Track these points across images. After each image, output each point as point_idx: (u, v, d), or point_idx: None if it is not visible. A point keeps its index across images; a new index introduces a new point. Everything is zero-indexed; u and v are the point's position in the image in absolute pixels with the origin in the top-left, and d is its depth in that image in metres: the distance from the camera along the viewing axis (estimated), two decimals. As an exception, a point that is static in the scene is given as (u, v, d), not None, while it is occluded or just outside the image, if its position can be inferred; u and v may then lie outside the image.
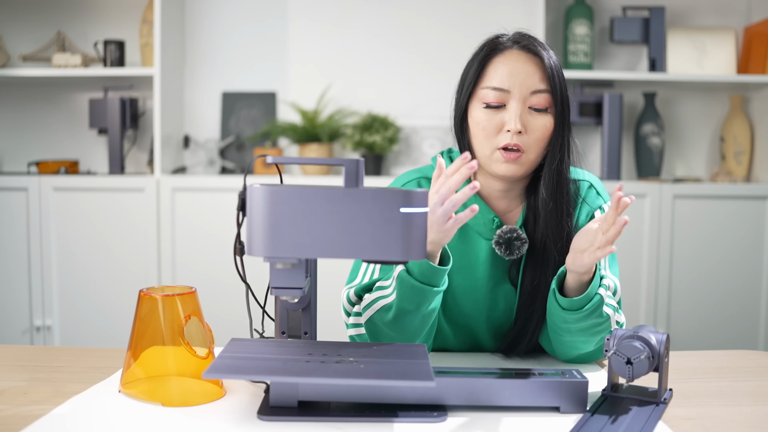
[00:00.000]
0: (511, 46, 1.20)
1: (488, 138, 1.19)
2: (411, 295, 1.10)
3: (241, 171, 2.94)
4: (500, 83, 1.18)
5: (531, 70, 1.17)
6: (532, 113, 1.18)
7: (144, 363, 1.00)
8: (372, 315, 1.16)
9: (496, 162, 1.19)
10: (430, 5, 2.96)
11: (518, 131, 1.16)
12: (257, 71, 3.00)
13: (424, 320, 1.14)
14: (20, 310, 2.70)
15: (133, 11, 2.96)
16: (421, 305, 1.11)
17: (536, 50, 1.18)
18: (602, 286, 1.12)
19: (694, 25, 2.95)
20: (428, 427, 0.90)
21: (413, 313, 1.12)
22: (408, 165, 2.97)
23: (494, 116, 1.18)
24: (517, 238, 1.22)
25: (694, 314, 2.71)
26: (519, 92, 1.17)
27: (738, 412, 0.98)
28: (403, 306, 1.11)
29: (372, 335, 1.18)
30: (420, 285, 1.09)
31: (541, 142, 1.19)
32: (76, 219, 2.69)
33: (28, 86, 3.00)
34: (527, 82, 1.17)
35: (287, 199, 0.87)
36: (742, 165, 2.89)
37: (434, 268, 1.08)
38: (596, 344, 1.17)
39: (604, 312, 1.12)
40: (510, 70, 1.18)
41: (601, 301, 1.11)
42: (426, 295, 1.10)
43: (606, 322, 1.14)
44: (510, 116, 1.17)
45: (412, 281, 1.08)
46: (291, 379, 0.89)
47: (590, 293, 1.10)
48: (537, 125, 1.18)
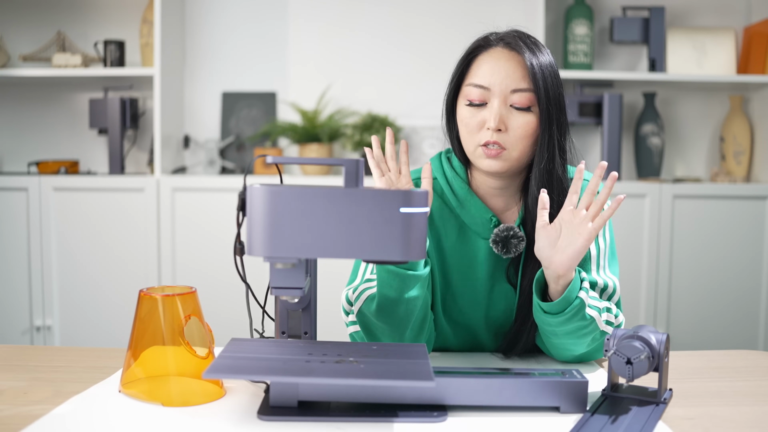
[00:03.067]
0: (497, 43, 1.20)
1: (471, 134, 1.20)
2: (391, 280, 1.11)
3: (241, 171, 2.94)
4: (482, 81, 1.18)
5: (512, 68, 1.17)
6: (513, 111, 1.18)
7: (144, 363, 1.00)
8: (361, 306, 1.18)
9: (479, 158, 1.20)
10: (430, 5, 2.96)
11: (497, 129, 1.16)
12: (257, 71, 3.00)
13: (408, 309, 1.15)
14: (20, 310, 2.70)
15: (133, 11, 2.96)
16: (403, 291, 1.12)
17: (519, 48, 1.18)
18: (582, 288, 1.12)
19: (694, 25, 2.95)
20: (428, 427, 0.90)
21: (396, 300, 1.13)
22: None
23: (476, 114, 1.19)
24: (514, 237, 1.22)
25: (694, 314, 2.72)
26: (499, 90, 1.17)
27: (738, 412, 0.98)
28: (384, 292, 1.13)
29: (364, 328, 1.20)
30: (396, 269, 1.11)
31: (524, 140, 1.18)
32: (76, 219, 2.69)
33: (28, 86, 3.00)
34: (507, 81, 1.17)
35: (287, 199, 0.88)
36: (742, 165, 2.89)
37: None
38: (588, 345, 1.17)
39: (588, 314, 1.12)
40: (491, 68, 1.18)
41: (582, 304, 1.11)
42: (405, 280, 1.11)
43: (591, 324, 1.14)
44: (489, 114, 1.18)
45: (389, 266, 1.11)
46: (291, 379, 0.89)
47: (569, 297, 1.10)
48: (517, 123, 1.18)
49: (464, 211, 1.25)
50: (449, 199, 1.26)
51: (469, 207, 1.25)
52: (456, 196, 1.26)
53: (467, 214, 1.25)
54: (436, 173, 1.29)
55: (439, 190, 1.28)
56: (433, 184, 1.28)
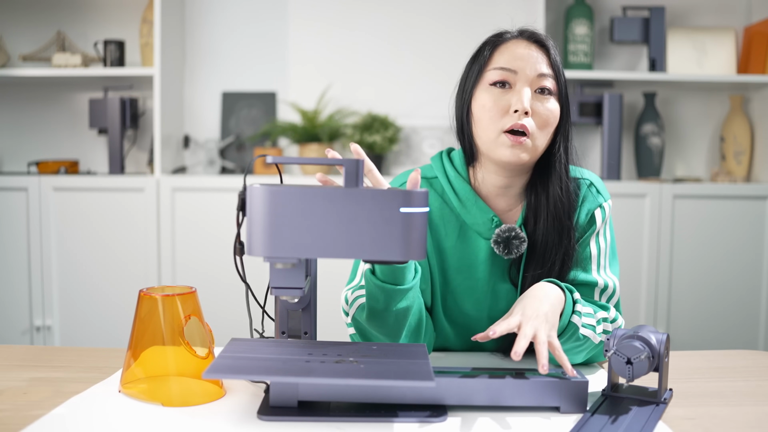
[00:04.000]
0: (517, 36, 1.21)
1: (494, 120, 1.17)
2: (378, 294, 1.10)
3: (241, 171, 2.94)
4: (507, 64, 1.17)
5: (537, 55, 1.18)
6: (539, 96, 1.17)
7: (144, 363, 1.00)
8: (354, 313, 1.18)
9: (502, 146, 1.16)
10: (430, 5, 2.96)
11: (525, 111, 1.15)
12: (257, 71, 3.00)
13: (398, 319, 1.13)
14: (20, 310, 2.70)
15: (133, 11, 2.96)
16: (390, 304, 1.11)
17: (542, 40, 1.20)
18: (575, 312, 1.12)
19: (694, 25, 2.95)
20: (428, 427, 0.90)
21: (384, 312, 1.12)
22: (408, 165, 2.97)
23: (501, 97, 1.17)
24: (516, 237, 1.21)
25: (694, 314, 2.71)
26: (526, 74, 1.17)
27: (738, 412, 0.98)
28: (372, 305, 1.12)
29: (359, 333, 1.20)
30: (382, 284, 1.09)
31: (547, 128, 1.18)
32: (76, 219, 2.69)
33: (28, 86, 3.00)
34: (534, 66, 1.17)
35: (287, 199, 0.87)
36: (742, 165, 2.89)
37: (394, 267, 1.07)
38: (585, 357, 1.18)
39: (581, 335, 1.13)
40: (516, 54, 1.18)
41: (576, 328, 1.12)
42: (392, 294, 1.10)
43: (586, 342, 1.14)
44: (517, 97, 1.16)
45: (375, 280, 1.09)
46: (291, 379, 0.89)
47: (562, 323, 1.11)
48: (544, 108, 1.17)
49: (465, 211, 1.25)
50: (450, 198, 1.26)
51: (471, 207, 1.24)
52: (457, 196, 1.25)
53: (468, 213, 1.25)
54: (437, 172, 1.28)
55: (440, 190, 1.27)
56: (434, 183, 1.28)
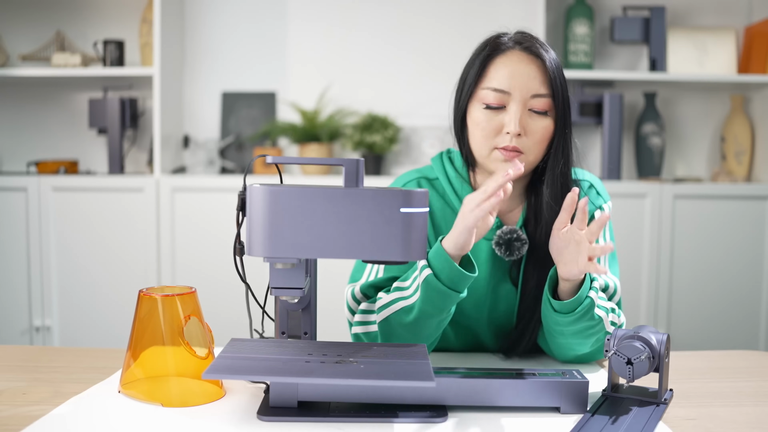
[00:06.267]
0: (513, 46, 1.18)
1: (487, 139, 1.18)
2: (436, 299, 1.09)
3: (240, 171, 2.94)
4: (501, 84, 1.16)
5: (532, 73, 1.16)
6: (532, 115, 1.17)
7: (144, 363, 1.00)
8: (389, 315, 1.15)
9: (495, 161, 1.18)
10: (430, 5, 2.96)
11: (518, 134, 1.15)
12: (257, 71, 3.00)
13: (440, 324, 1.15)
14: (20, 310, 2.70)
15: (133, 11, 2.95)
16: (444, 309, 1.11)
17: (538, 52, 1.17)
18: (593, 288, 1.12)
19: (695, 24, 2.95)
20: (428, 427, 0.90)
21: (434, 316, 1.12)
22: (408, 165, 2.97)
23: (494, 117, 1.17)
24: (517, 239, 1.21)
25: (695, 314, 2.71)
26: (520, 95, 1.16)
27: (739, 412, 0.98)
28: (426, 309, 1.11)
29: (385, 335, 1.17)
30: (446, 290, 1.08)
31: (541, 145, 1.18)
32: (75, 219, 2.69)
33: (28, 86, 3.00)
34: (528, 85, 1.16)
35: (287, 199, 0.87)
36: (743, 165, 2.89)
37: (464, 274, 1.07)
38: (592, 346, 1.17)
39: (596, 314, 1.12)
40: (511, 72, 1.16)
41: (592, 304, 1.11)
42: (450, 300, 1.10)
43: (599, 324, 1.13)
44: (510, 118, 1.16)
45: (439, 285, 1.08)
46: (291, 380, 0.88)
47: (580, 296, 1.10)
48: (536, 128, 1.17)
49: (466, 212, 1.25)
50: (451, 199, 1.26)
51: (471, 207, 1.24)
52: (458, 197, 1.25)
53: (469, 214, 1.24)
54: (438, 173, 1.28)
55: (441, 191, 1.27)
56: (435, 184, 1.28)
